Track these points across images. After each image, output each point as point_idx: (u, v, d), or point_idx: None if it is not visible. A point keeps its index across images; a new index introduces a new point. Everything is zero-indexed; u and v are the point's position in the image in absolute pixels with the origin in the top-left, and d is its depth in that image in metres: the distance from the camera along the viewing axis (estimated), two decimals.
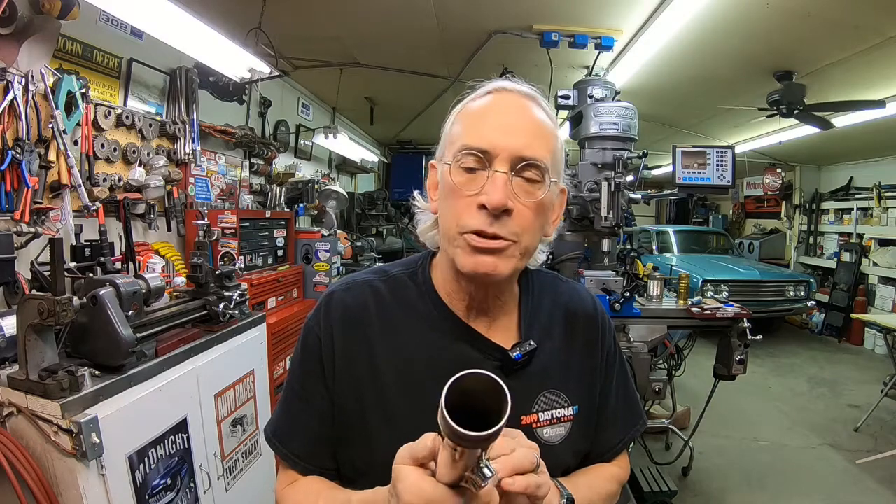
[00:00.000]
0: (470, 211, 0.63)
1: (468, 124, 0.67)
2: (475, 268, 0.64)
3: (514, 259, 0.65)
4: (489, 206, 0.61)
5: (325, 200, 4.21)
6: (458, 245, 0.65)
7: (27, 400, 1.23)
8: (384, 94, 4.92)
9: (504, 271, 0.64)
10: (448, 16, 2.97)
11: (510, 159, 0.63)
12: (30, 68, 1.74)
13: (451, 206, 0.66)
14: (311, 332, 0.74)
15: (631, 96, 3.38)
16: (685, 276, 2.49)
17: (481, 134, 0.64)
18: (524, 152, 0.63)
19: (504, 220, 0.62)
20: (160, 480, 1.50)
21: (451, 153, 0.67)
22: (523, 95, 0.69)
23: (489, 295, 0.72)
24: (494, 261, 0.63)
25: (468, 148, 0.64)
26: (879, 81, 3.54)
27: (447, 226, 0.67)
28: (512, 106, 0.67)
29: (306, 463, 0.72)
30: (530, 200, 0.64)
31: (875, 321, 4.10)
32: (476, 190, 0.63)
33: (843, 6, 2.53)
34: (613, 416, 0.82)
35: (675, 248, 6.99)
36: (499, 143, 0.63)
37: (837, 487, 2.90)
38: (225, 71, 2.54)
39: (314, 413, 0.73)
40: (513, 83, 0.70)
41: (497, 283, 0.69)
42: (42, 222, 1.81)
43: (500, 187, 0.62)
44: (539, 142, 0.65)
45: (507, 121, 0.65)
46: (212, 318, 1.91)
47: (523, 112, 0.67)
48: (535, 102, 0.69)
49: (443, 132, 0.73)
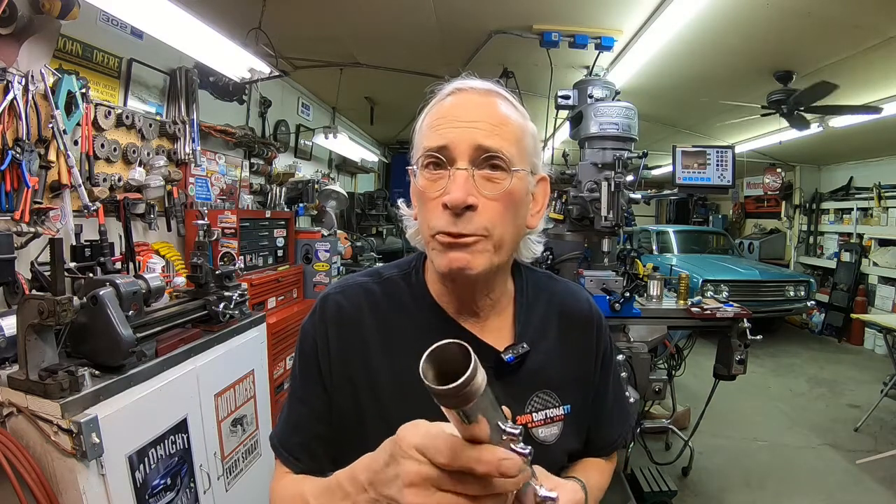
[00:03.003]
0: (436, 212, 0.64)
1: (428, 127, 0.67)
2: (449, 265, 0.63)
3: (489, 253, 0.65)
4: (449, 204, 0.62)
5: (325, 200, 4.21)
6: (432, 247, 0.66)
7: (27, 400, 1.23)
8: (384, 94, 4.92)
9: (478, 266, 0.64)
10: (448, 15, 2.97)
11: (469, 153, 0.63)
12: (30, 68, 1.74)
13: (422, 211, 0.67)
14: (307, 335, 0.75)
15: (631, 96, 3.38)
16: (685, 276, 2.48)
17: (439, 133, 0.64)
18: (483, 142, 0.63)
19: (468, 216, 0.62)
20: (160, 480, 1.50)
21: (416, 158, 0.67)
22: (481, 92, 0.68)
23: (477, 294, 0.72)
24: (466, 256, 0.63)
25: (428, 150, 0.65)
26: (879, 82, 3.54)
27: (423, 230, 0.68)
28: (469, 103, 0.67)
29: (304, 464, 0.72)
30: (495, 192, 0.63)
31: (875, 321, 4.10)
32: (440, 191, 0.63)
33: (843, 6, 2.53)
34: (610, 414, 0.84)
35: (675, 248, 6.99)
36: (455, 137, 0.63)
37: (837, 487, 2.90)
38: (225, 71, 2.54)
39: (313, 415, 0.73)
40: (471, 81, 0.69)
41: (477, 280, 0.68)
42: (42, 222, 1.81)
43: (460, 185, 0.61)
44: (501, 133, 0.64)
45: (466, 116, 0.65)
46: (212, 318, 1.91)
47: (480, 107, 0.66)
48: (495, 96, 0.68)
49: (413, 138, 0.73)
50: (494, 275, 0.71)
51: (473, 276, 0.65)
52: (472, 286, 0.70)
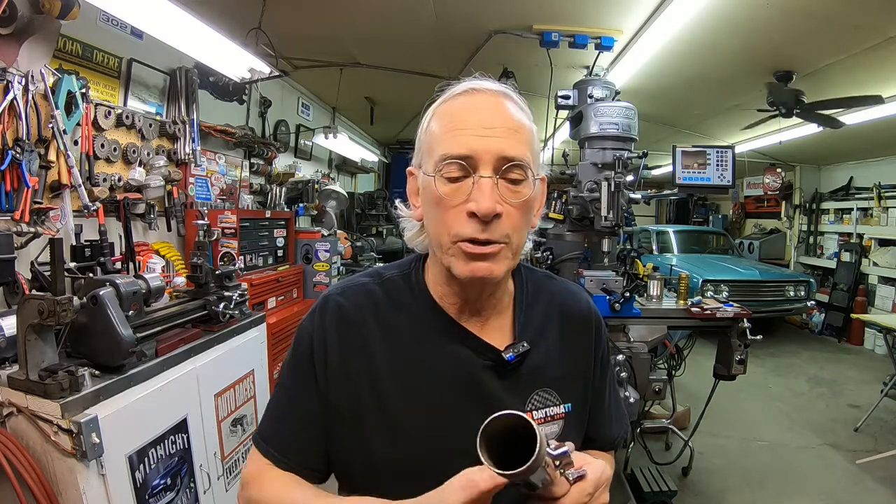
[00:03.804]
0: (460, 219, 0.63)
1: (445, 131, 0.66)
2: (472, 274, 0.64)
3: (508, 260, 0.66)
4: (479, 213, 0.61)
5: (325, 200, 4.21)
6: (452, 254, 0.65)
7: (27, 400, 1.23)
8: (384, 94, 4.92)
9: (499, 273, 0.65)
10: (448, 15, 2.97)
11: (493, 162, 0.63)
12: (30, 68, 1.75)
13: (440, 216, 0.66)
14: (304, 332, 0.75)
15: (631, 96, 3.38)
16: (685, 276, 2.48)
17: (460, 141, 0.63)
18: (506, 153, 0.63)
19: (495, 224, 0.63)
20: (160, 480, 1.50)
21: (433, 162, 0.66)
22: (496, 94, 0.68)
23: (483, 296, 0.73)
24: (489, 265, 0.64)
25: (450, 157, 0.64)
26: (879, 81, 3.53)
27: (438, 235, 0.67)
28: (487, 106, 0.66)
29: (286, 458, 0.72)
30: (517, 201, 0.64)
31: (875, 321, 4.10)
32: (464, 198, 0.63)
33: (843, 6, 2.53)
34: (609, 414, 0.85)
35: (675, 248, 6.99)
36: (479, 147, 0.63)
37: (837, 487, 2.90)
38: (225, 71, 2.54)
39: (300, 411, 0.73)
40: (483, 82, 0.69)
41: (492, 284, 0.70)
42: (42, 222, 1.81)
43: (487, 194, 0.62)
44: (519, 139, 0.65)
45: (485, 123, 0.64)
46: (212, 318, 1.91)
47: (499, 111, 0.66)
48: (508, 100, 0.68)
49: (418, 138, 0.72)
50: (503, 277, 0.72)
51: (493, 282, 0.66)
52: (482, 289, 0.71)
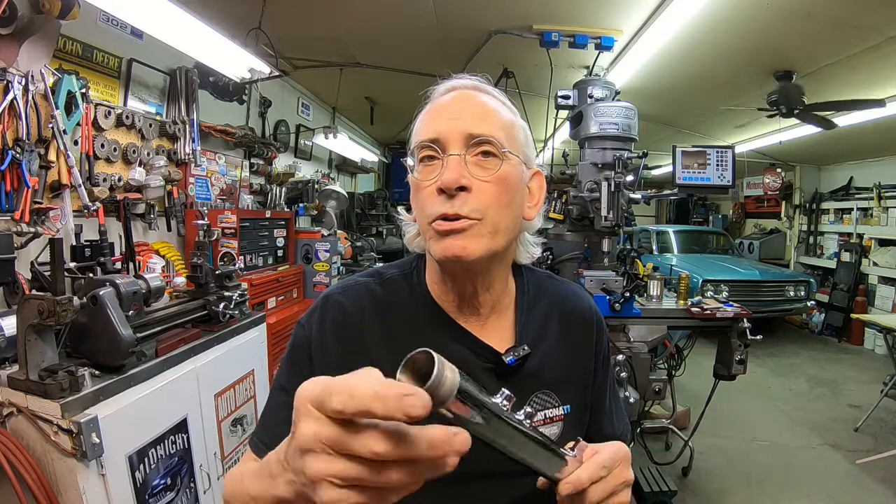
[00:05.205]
0: (432, 199, 0.65)
1: (422, 125, 0.71)
2: (445, 252, 0.64)
3: (484, 238, 0.65)
4: (443, 185, 0.63)
5: (325, 200, 4.21)
6: (430, 236, 0.67)
7: (27, 400, 1.23)
8: (384, 94, 4.92)
9: (475, 251, 0.64)
10: (448, 16, 2.97)
11: (460, 140, 0.66)
12: (30, 68, 1.75)
13: (419, 202, 0.69)
14: (302, 329, 0.75)
15: (631, 96, 3.38)
16: (685, 276, 2.48)
17: (431, 127, 0.68)
18: (472, 130, 0.66)
19: (462, 197, 0.64)
20: (160, 480, 1.50)
21: (413, 155, 0.70)
22: (468, 88, 0.72)
23: (477, 287, 0.72)
24: (462, 242, 0.64)
25: (421, 142, 0.68)
26: (879, 81, 3.53)
27: (420, 221, 0.70)
28: (460, 98, 0.70)
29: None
30: (488, 175, 0.65)
31: (875, 321, 4.10)
32: (434, 178, 0.66)
33: (843, 6, 2.53)
34: (610, 413, 0.85)
35: (675, 248, 6.99)
36: (446, 128, 0.66)
37: (837, 487, 2.90)
38: (225, 71, 2.54)
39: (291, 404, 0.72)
40: (460, 79, 0.73)
41: (478, 270, 0.69)
42: (42, 222, 1.81)
43: (452, 167, 0.64)
44: (488, 121, 0.68)
45: (455, 110, 0.68)
46: (212, 318, 1.91)
47: (469, 100, 0.70)
48: (480, 91, 0.72)
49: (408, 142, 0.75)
50: (493, 266, 0.71)
51: (471, 262, 0.65)
52: (471, 278, 0.70)
